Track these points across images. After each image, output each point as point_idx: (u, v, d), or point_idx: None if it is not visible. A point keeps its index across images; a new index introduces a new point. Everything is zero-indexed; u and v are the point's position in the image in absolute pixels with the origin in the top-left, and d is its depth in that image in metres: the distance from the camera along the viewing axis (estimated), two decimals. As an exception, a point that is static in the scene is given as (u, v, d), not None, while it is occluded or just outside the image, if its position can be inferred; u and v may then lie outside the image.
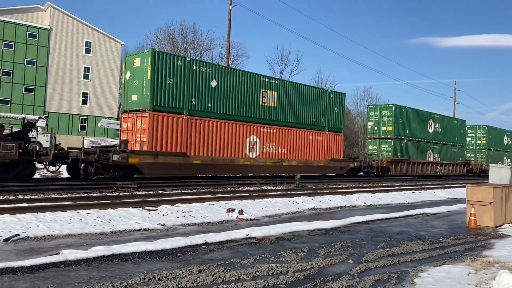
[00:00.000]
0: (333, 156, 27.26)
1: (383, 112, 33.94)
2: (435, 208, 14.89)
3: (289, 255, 7.11)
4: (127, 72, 19.91)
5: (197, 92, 20.14)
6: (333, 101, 27.75)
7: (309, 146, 25.71)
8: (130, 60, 19.89)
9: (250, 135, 22.42)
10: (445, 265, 6.96)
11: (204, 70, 20.57)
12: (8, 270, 5.44)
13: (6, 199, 11.60)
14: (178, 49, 49.22)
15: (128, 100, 19.67)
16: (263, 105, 23.17)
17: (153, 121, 18.44)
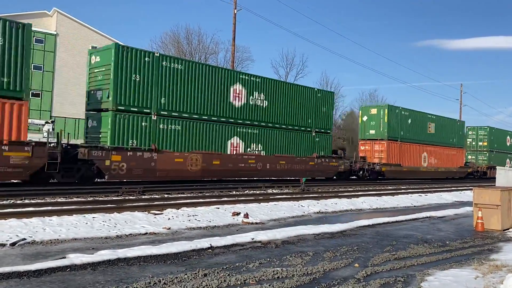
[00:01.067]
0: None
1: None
2: (442, 211, 14.80)
3: (294, 259, 7.08)
4: None
5: None
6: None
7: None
8: None
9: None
10: (452, 268, 6.90)
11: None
12: (14, 274, 5.47)
13: (13, 203, 11.67)
14: (184, 53, 49.40)
15: None
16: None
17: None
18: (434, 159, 34.90)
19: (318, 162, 25.55)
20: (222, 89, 20.94)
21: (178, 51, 49.44)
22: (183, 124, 19.39)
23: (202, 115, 20.10)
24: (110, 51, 17.51)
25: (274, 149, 23.33)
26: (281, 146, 23.78)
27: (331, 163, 26.50)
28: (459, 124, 39.47)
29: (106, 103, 17.53)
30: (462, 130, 40.01)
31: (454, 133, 38.03)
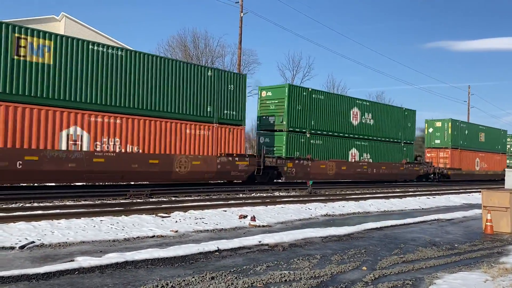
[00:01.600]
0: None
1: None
2: (450, 213, 14.68)
3: (302, 262, 7.07)
4: None
5: None
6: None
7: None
8: None
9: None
10: (461, 272, 6.84)
11: None
12: (23, 277, 5.51)
13: (22, 206, 11.77)
14: (190, 56, 49.61)
15: None
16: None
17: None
18: (484, 164, 41.33)
19: (406, 167, 31.68)
20: (345, 112, 27.29)
21: (185, 54, 49.64)
22: (323, 139, 25.76)
23: (334, 132, 26.40)
24: (284, 89, 24.12)
25: (378, 157, 29.55)
26: (382, 154, 30.00)
27: (415, 168, 32.73)
28: (502, 133, 44.93)
29: (281, 125, 24.04)
30: (505, 138, 45.31)
31: (499, 140, 43.95)
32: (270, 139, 24.53)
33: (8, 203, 12.41)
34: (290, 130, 23.88)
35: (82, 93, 15.94)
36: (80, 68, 15.91)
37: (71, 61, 15.73)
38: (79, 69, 15.89)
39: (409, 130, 32.31)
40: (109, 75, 16.67)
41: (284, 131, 23.76)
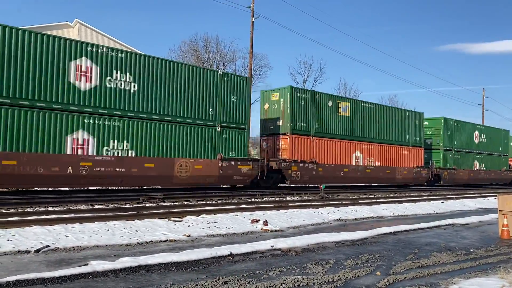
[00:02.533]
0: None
1: None
2: (465, 218, 14.48)
3: (315, 267, 7.02)
4: None
5: None
6: None
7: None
8: None
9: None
10: (477, 277, 6.73)
11: None
12: (39, 281, 5.57)
13: (36, 210, 11.91)
14: (202, 61, 49.89)
15: None
16: None
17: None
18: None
19: (505, 173, 40.65)
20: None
21: (196, 59, 49.95)
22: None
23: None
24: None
25: (490, 166, 38.84)
26: (491, 164, 39.26)
27: (510, 173, 41.59)
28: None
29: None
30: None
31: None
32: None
33: (24, 207, 12.58)
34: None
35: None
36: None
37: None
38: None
39: (506, 145, 36.79)
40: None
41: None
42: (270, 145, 24.28)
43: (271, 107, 24.58)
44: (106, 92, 16.62)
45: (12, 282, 5.42)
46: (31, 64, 14.93)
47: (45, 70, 15.22)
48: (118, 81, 16.97)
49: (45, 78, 15.20)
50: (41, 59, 15.15)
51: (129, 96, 17.20)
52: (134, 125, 17.23)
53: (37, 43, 15.11)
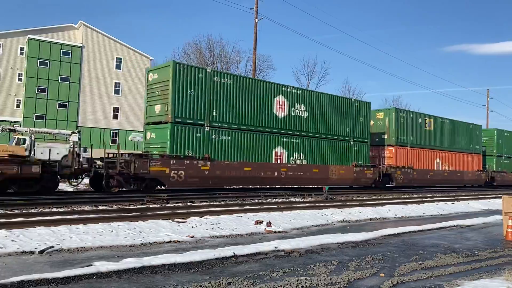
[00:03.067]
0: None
1: None
2: (470, 219, 14.41)
3: (318, 268, 7.01)
4: None
5: None
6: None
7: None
8: None
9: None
10: (481, 279, 6.70)
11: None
12: (43, 281, 5.59)
13: (41, 211, 11.96)
14: (206, 63, 49.96)
15: None
16: None
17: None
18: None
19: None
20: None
21: (200, 61, 50.02)
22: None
23: None
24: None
25: None
26: None
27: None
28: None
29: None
30: None
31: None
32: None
33: (28, 208, 12.63)
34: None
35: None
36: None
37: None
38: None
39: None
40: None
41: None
42: (376, 154, 29.44)
43: (376, 124, 30.30)
44: (292, 119, 23.38)
45: (16, 283, 5.44)
46: (251, 100, 21.55)
47: (260, 104, 21.91)
48: (298, 110, 23.77)
49: (260, 110, 21.94)
50: (257, 96, 21.83)
51: (303, 121, 23.93)
52: (306, 142, 23.95)
53: (254, 86, 21.89)
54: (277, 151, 22.44)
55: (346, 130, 25.99)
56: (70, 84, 48.35)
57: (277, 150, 22.44)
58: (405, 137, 30.00)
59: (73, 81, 48.48)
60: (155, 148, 19.36)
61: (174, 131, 18.66)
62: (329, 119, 25.08)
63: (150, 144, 19.78)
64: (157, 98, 19.50)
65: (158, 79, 19.68)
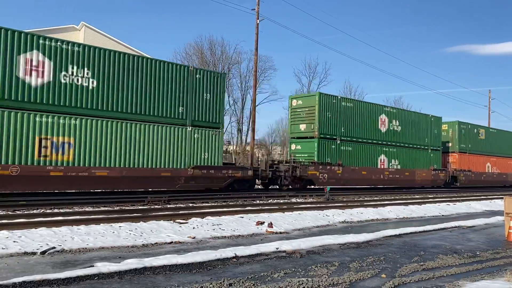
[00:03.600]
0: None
1: None
2: (471, 220, 14.39)
3: (320, 269, 7.01)
4: None
5: None
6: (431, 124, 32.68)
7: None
8: None
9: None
10: (483, 280, 6.69)
11: None
12: (45, 282, 5.60)
13: (42, 212, 11.98)
14: (207, 63, 49.99)
15: None
16: None
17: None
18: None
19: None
20: None
21: (201, 61, 50.05)
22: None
23: None
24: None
25: None
26: None
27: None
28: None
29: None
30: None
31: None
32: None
33: (30, 209, 12.65)
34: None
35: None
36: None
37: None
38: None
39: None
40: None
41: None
42: (442, 160, 34.43)
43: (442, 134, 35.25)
44: (390, 132, 29.02)
45: (18, 284, 5.45)
46: (364, 119, 27.27)
47: (369, 122, 27.50)
48: (394, 125, 29.33)
49: (369, 126, 27.51)
50: (367, 115, 27.43)
51: (397, 134, 29.49)
52: (399, 151, 29.54)
53: (365, 107, 27.67)
54: (381, 158, 28.29)
55: (426, 140, 31.92)
56: (72, 85, 48.37)
57: (381, 158, 28.30)
58: (465, 145, 35.93)
59: (74, 82, 48.53)
60: (302, 156, 25.25)
61: (320, 144, 24.70)
62: (414, 131, 30.88)
63: (296, 153, 25.79)
64: (303, 119, 25.80)
65: (303, 105, 26.05)
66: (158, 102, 18.02)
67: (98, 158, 16.16)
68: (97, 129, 16.22)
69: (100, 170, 16.13)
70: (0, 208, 12.32)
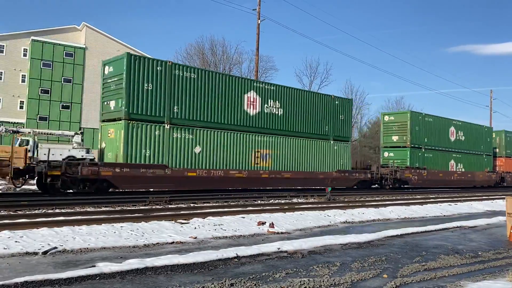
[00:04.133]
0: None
1: None
2: (473, 221, 14.37)
3: (321, 269, 7.01)
4: None
5: None
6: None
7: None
8: None
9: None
10: (485, 280, 6.68)
11: None
12: (46, 282, 5.60)
13: (44, 212, 11.99)
14: (208, 64, 49.99)
15: None
16: None
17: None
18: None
19: None
20: None
21: (203, 62, 50.06)
22: None
23: None
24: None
25: None
26: None
27: None
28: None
29: None
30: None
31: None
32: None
33: (32, 210, 12.67)
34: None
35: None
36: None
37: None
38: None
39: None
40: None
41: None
42: None
43: None
44: (459, 142, 35.80)
45: (20, 283, 5.46)
46: (436, 130, 33.64)
47: (441, 133, 34.04)
48: (460, 135, 36.02)
49: (441, 136, 34.00)
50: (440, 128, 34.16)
51: (462, 142, 36.09)
52: (464, 156, 35.98)
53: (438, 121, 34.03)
54: (451, 163, 34.80)
55: (481, 147, 38.33)
56: (73, 85, 48.49)
57: (451, 162, 34.78)
58: (510, 150, 42.87)
59: (76, 82, 48.62)
60: (395, 162, 31.13)
61: (411, 152, 31.08)
62: (473, 140, 37.11)
63: (389, 159, 31.77)
64: (395, 132, 31.94)
65: (394, 120, 32.41)
66: (313, 123, 24.82)
67: (283, 164, 22.99)
68: (282, 144, 23.06)
69: (286, 173, 22.95)
70: (2, 208, 12.34)
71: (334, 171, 25.18)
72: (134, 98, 17.71)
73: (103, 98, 19.13)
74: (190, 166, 19.02)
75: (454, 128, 35.33)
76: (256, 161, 21.48)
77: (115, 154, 17.75)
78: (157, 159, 18.13)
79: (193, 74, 19.61)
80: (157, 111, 18.30)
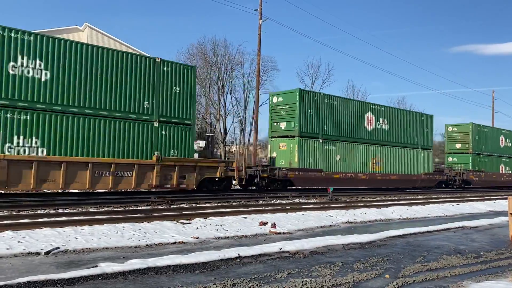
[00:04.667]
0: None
1: None
2: (475, 221, 14.34)
3: (323, 269, 7.01)
4: None
5: None
6: None
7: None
8: None
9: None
10: (487, 280, 6.68)
11: None
12: (49, 282, 5.62)
13: (47, 213, 12.02)
14: (210, 64, 50.03)
15: None
16: None
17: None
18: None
19: None
20: None
21: (204, 62, 50.07)
22: None
23: None
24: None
25: None
26: None
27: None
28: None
29: None
30: None
31: None
32: None
33: (34, 210, 12.70)
34: None
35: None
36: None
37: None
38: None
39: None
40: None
41: None
42: None
43: None
44: (506, 148, 41.37)
45: (22, 284, 5.48)
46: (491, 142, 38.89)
47: (493, 140, 39.29)
48: (507, 142, 41.82)
49: (493, 142, 39.30)
50: (491, 135, 39.08)
51: (509, 148, 42.10)
52: (510, 160, 41.75)
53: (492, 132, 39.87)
54: (501, 166, 40.53)
55: None
56: (75, 86, 48.50)
57: (501, 166, 40.48)
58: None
59: (78, 83, 48.66)
60: (458, 166, 36.19)
61: (472, 158, 36.85)
62: None
63: (453, 163, 37.55)
64: (458, 141, 37.89)
65: (458, 131, 38.18)
66: (408, 135, 30.84)
67: (389, 168, 28.74)
68: (388, 152, 28.84)
69: (392, 175, 28.78)
70: (4, 208, 12.38)
71: (422, 173, 31.20)
72: (302, 121, 23.97)
73: (272, 120, 25.52)
74: (334, 170, 25.28)
75: (503, 136, 41.59)
76: (373, 167, 27.61)
77: (288, 161, 23.87)
78: (315, 165, 24.33)
79: (334, 101, 25.94)
80: (314, 129, 24.62)
